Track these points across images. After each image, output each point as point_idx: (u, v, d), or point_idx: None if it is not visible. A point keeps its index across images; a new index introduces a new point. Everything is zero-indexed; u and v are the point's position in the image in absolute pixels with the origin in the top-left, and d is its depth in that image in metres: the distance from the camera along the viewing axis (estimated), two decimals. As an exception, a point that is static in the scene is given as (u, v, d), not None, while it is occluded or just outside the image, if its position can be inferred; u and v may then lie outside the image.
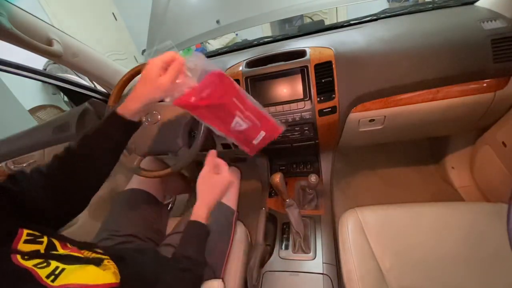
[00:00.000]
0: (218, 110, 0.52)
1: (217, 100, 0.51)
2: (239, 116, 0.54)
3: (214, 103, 0.51)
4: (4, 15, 0.64)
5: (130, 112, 0.48)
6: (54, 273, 0.33)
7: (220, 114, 0.53)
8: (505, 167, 0.84)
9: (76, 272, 0.36)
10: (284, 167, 1.11)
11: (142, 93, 0.46)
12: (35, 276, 0.32)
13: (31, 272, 0.32)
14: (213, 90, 0.49)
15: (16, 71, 0.81)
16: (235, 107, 0.53)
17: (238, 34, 3.16)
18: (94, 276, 0.38)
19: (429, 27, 0.76)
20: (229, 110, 0.53)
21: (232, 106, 0.53)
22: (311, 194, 0.93)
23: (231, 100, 0.52)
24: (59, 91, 2.55)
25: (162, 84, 0.44)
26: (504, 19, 0.70)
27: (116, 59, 3.21)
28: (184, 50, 1.41)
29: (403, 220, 0.68)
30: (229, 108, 0.52)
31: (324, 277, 0.71)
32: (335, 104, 0.77)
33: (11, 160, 1.05)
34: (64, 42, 0.82)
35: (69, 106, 2.52)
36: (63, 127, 1.09)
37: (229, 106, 0.52)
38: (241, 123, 0.54)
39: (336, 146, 0.96)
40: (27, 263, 0.33)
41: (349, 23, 0.94)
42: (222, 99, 0.51)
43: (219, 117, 0.53)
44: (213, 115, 0.53)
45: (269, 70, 0.80)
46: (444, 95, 0.74)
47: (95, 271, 0.39)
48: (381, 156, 1.37)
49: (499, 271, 0.57)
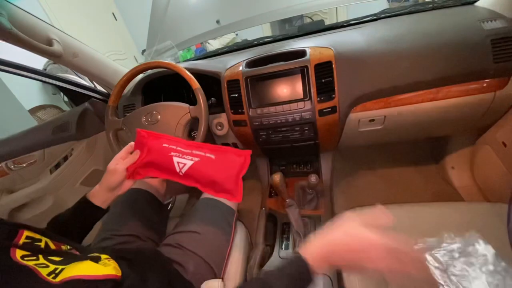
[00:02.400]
0: (158, 161, 0.56)
1: (148, 155, 0.56)
2: (177, 156, 0.55)
3: (148, 158, 0.56)
4: (4, 15, 0.64)
5: (99, 201, 0.55)
6: (54, 272, 0.34)
7: (162, 164, 0.56)
8: (505, 167, 0.84)
9: (76, 266, 0.37)
10: (284, 167, 1.11)
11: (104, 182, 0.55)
12: (36, 273, 0.33)
13: (32, 270, 0.33)
14: (140, 148, 0.56)
15: (16, 71, 0.81)
16: (168, 150, 0.56)
17: (238, 34, 3.16)
18: (94, 268, 0.38)
19: (429, 27, 0.76)
20: (164, 155, 0.56)
21: (164, 151, 0.56)
22: (311, 194, 0.93)
23: (160, 147, 0.56)
24: (59, 91, 2.55)
25: (117, 170, 0.54)
26: (504, 19, 0.70)
27: (116, 59, 3.21)
28: (184, 50, 1.41)
29: (403, 220, 0.68)
30: (164, 154, 0.56)
31: (324, 277, 0.71)
32: (335, 104, 0.77)
33: (11, 160, 1.05)
34: (64, 42, 0.82)
35: (69, 106, 2.52)
36: (63, 127, 1.09)
37: (162, 153, 0.56)
38: (184, 161, 0.54)
39: (336, 146, 0.96)
40: (27, 262, 0.34)
41: (349, 23, 0.94)
42: (151, 151, 0.56)
43: (163, 167, 0.56)
44: (157, 168, 0.56)
45: (269, 70, 0.80)
46: (444, 95, 0.74)
47: (94, 265, 0.39)
48: (381, 156, 1.37)
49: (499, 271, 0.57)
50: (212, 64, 0.93)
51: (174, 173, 0.55)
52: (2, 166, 1.05)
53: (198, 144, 0.58)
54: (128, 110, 1.00)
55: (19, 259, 0.33)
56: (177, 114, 0.77)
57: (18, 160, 1.06)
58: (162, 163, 0.56)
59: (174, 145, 0.57)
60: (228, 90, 0.84)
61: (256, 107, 0.83)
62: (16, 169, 1.07)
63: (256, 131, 0.86)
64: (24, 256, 0.34)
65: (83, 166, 1.17)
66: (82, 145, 1.13)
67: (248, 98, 0.82)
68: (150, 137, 0.58)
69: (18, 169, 1.07)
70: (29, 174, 1.11)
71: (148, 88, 1.01)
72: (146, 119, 0.79)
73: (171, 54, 1.09)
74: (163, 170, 0.56)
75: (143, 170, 0.57)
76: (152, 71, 0.94)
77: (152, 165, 0.56)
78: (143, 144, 0.57)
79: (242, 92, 0.82)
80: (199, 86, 0.76)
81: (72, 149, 1.13)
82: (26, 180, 1.12)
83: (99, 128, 1.12)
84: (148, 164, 0.56)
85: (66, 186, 1.16)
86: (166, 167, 0.55)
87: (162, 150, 0.56)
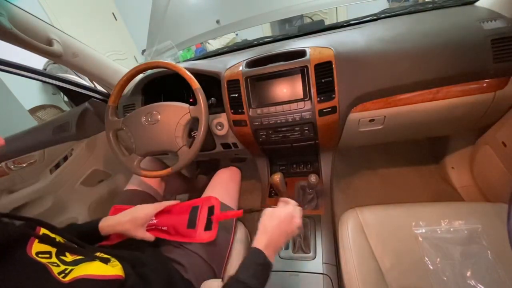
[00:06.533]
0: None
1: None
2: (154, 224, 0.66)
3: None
4: (4, 15, 0.64)
5: (105, 232, 0.60)
6: (64, 272, 0.35)
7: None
8: (505, 167, 0.84)
9: (85, 266, 0.38)
10: (284, 167, 1.11)
11: (126, 229, 0.60)
12: (49, 270, 0.34)
13: (46, 267, 0.34)
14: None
15: (16, 71, 0.81)
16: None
17: (238, 34, 3.15)
18: (102, 269, 0.39)
19: (429, 27, 0.76)
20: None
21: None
22: (311, 194, 0.92)
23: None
24: (59, 91, 2.55)
25: (138, 235, 0.61)
26: (504, 19, 0.70)
27: (116, 59, 3.21)
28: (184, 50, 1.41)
29: (403, 220, 0.68)
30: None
31: (324, 277, 0.71)
32: (335, 104, 0.77)
33: (11, 160, 1.05)
34: (64, 42, 0.82)
35: (69, 106, 2.52)
36: (63, 127, 1.09)
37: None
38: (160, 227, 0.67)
39: (336, 146, 0.96)
40: (41, 259, 0.35)
41: (349, 23, 0.94)
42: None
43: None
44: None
45: (269, 70, 0.79)
46: (444, 95, 0.74)
47: (103, 266, 0.40)
48: (381, 156, 1.37)
49: (499, 271, 0.57)
50: (212, 64, 0.93)
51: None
52: (2, 166, 1.05)
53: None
54: (128, 110, 1.00)
55: (34, 255, 0.35)
56: (177, 114, 0.77)
57: (18, 160, 1.06)
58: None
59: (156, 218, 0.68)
60: (228, 90, 0.84)
61: (256, 107, 0.83)
62: (16, 169, 1.07)
63: (256, 131, 0.86)
64: (38, 253, 0.36)
65: (83, 166, 1.17)
66: (82, 145, 1.13)
67: (248, 98, 0.82)
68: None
69: (18, 169, 1.07)
70: (29, 174, 1.11)
71: (148, 88, 1.01)
72: (146, 119, 0.79)
73: (171, 54, 1.09)
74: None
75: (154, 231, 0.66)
76: (152, 71, 0.94)
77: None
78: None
79: (242, 92, 0.82)
80: (199, 86, 0.76)
81: (72, 149, 1.13)
82: (26, 180, 1.12)
83: (99, 128, 1.12)
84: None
85: (66, 186, 1.16)
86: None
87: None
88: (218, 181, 0.88)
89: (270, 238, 0.50)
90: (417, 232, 0.66)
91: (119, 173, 1.31)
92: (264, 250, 0.48)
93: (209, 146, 1.00)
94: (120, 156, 0.82)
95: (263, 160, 1.10)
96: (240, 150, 1.01)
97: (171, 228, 0.66)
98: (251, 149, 0.99)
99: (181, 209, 0.70)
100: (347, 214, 0.74)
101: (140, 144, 0.80)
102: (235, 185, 0.89)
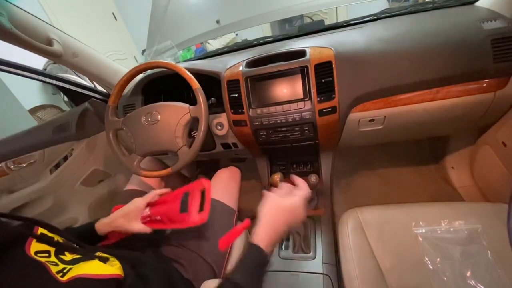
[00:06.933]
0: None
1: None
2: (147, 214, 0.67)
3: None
4: (4, 15, 0.64)
5: (102, 232, 0.61)
6: (62, 271, 0.36)
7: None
8: (505, 167, 0.84)
9: (83, 265, 0.38)
10: (284, 167, 1.11)
11: (120, 224, 0.61)
12: (48, 269, 0.34)
13: (44, 266, 0.34)
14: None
15: (16, 71, 0.81)
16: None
17: (238, 34, 3.15)
18: (100, 268, 0.39)
19: (429, 27, 0.76)
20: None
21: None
22: (311, 194, 0.92)
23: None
24: (59, 91, 2.55)
25: (134, 228, 0.61)
26: (504, 19, 0.70)
27: (116, 59, 3.21)
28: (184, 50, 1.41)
29: (403, 220, 0.68)
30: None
31: (324, 277, 0.71)
32: (335, 104, 0.77)
33: (11, 160, 1.05)
34: (64, 42, 0.82)
35: (69, 106, 2.53)
36: (63, 127, 1.09)
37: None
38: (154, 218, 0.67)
39: (336, 146, 0.96)
40: (40, 258, 0.35)
41: (349, 23, 0.94)
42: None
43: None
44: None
45: (269, 70, 0.79)
46: (444, 95, 0.74)
47: (101, 265, 0.40)
48: (381, 156, 1.37)
49: (499, 271, 0.57)
50: (212, 64, 0.93)
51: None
52: (2, 166, 1.05)
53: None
54: (128, 110, 1.00)
55: (33, 254, 0.35)
56: (177, 114, 0.77)
57: (18, 160, 1.06)
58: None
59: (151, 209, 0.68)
60: (228, 90, 0.84)
61: (256, 107, 0.83)
62: (16, 169, 1.07)
63: (256, 131, 0.86)
64: (37, 252, 0.36)
65: (83, 166, 1.17)
66: (82, 145, 1.13)
67: (248, 98, 0.82)
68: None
69: (18, 169, 1.07)
70: (29, 174, 1.11)
71: (148, 88, 1.01)
72: (146, 119, 0.79)
73: (171, 54, 1.09)
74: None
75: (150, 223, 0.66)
76: (152, 71, 0.94)
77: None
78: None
79: (242, 92, 0.82)
80: (199, 86, 0.76)
81: (72, 149, 1.13)
82: (26, 180, 1.12)
83: (99, 128, 1.12)
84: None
85: (66, 186, 1.16)
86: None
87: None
88: (218, 181, 0.88)
89: (272, 232, 0.47)
90: (417, 232, 0.66)
91: (119, 173, 1.31)
92: (264, 247, 0.45)
93: (209, 146, 1.00)
94: (120, 156, 0.82)
95: (263, 160, 1.10)
96: (240, 150, 1.01)
97: (165, 216, 0.65)
98: (251, 149, 0.99)
99: (174, 197, 0.69)
100: (347, 214, 0.74)
101: (140, 144, 0.80)
102: (235, 185, 0.89)
